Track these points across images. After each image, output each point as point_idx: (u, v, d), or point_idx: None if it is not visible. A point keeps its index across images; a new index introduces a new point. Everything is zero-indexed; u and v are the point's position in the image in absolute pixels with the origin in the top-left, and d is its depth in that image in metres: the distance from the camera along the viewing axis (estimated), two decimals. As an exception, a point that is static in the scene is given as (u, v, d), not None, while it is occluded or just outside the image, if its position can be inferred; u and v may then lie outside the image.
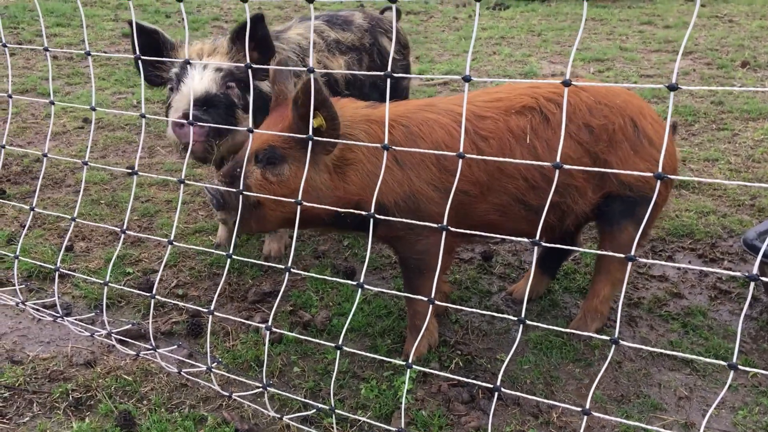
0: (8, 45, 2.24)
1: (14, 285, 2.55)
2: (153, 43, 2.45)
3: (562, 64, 5.86)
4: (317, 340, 1.84)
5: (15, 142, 4.02)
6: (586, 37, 6.85)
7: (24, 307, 2.33)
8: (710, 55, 5.84)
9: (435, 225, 1.54)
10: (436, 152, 1.65)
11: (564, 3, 8.79)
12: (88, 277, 2.38)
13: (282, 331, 1.99)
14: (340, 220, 1.96)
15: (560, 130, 1.97)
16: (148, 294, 2.04)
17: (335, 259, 2.85)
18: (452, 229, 1.52)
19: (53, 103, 2.08)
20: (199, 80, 2.29)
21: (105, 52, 5.91)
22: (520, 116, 2.03)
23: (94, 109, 2.02)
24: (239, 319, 2.06)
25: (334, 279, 1.75)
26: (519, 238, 1.57)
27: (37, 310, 2.34)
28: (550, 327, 1.46)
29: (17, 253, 2.28)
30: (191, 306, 2.20)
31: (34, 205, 2.20)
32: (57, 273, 2.13)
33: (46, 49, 2.07)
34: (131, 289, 2.36)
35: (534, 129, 2.02)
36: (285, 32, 2.81)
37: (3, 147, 2.23)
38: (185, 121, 2.14)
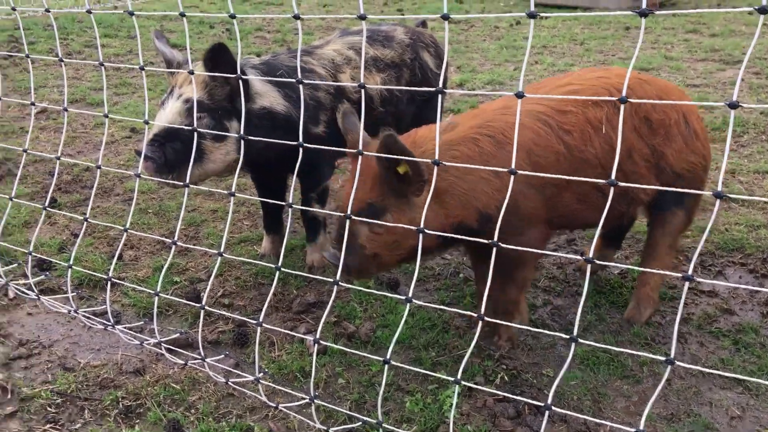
0: (65, 60, 2.31)
1: (66, 293, 2.62)
2: (169, 65, 2.49)
3: (606, 73, 5.79)
4: (364, 354, 1.84)
5: (65, 152, 4.12)
6: (630, 46, 6.76)
7: (76, 315, 2.39)
8: (758, 64, 5.71)
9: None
10: (487, 168, 1.64)
11: (607, 11, 8.69)
12: (137, 287, 2.43)
13: (327, 344, 2.00)
14: (448, 242, 2.12)
15: (628, 120, 2.14)
16: (197, 305, 2.07)
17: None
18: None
19: (107, 116, 2.13)
20: (169, 110, 2.32)
21: (152, 63, 6.04)
22: (596, 107, 2.13)
23: (147, 123, 2.06)
24: (286, 331, 2.08)
25: (383, 294, 1.76)
26: (571, 256, 1.57)
27: (89, 318, 2.39)
28: (601, 345, 1.44)
29: (71, 262, 2.33)
30: (239, 317, 2.22)
31: (87, 216, 2.25)
32: (109, 283, 2.17)
33: (101, 64, 2.12)
34: (180, 299, 2.40)
35: (608, 119, 2.13)
36: (321, 47, 2.82)
37: (58, 158, 2.29)
38: (142, 155, 2.23)
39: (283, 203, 2.19)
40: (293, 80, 1.93)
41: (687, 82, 5.39)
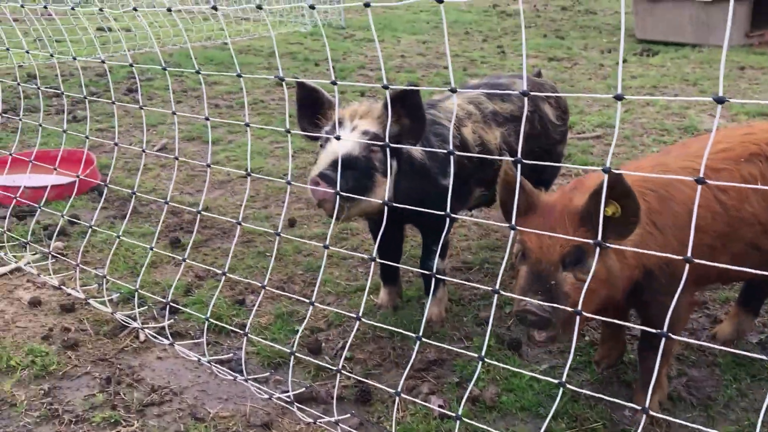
0: (144, 107, 2.38)
1: (193, 338, 2.69)
2: (313, 100, 2.55)
3: (724, 117, 5.55)
4: (490, 429, 1.78)
5: (185, 190, 4.28)
6: (747, 87, 6.47)
7: (206, 363, 2.44)
8: None
9: (678, 257, 1.60)
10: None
11: (717, 49, 8.37)
12: (263, 340, 2.46)
13: (448, 412, 1.95)
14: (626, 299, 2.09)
15: None
16: (329, 365, 2.07)
17: (498, 328, 2.79)
18: (696, 261, 1.57)
19: (249, 175, 2.19)
20: (340, 143, 2.33)
21: (262, 101, 6.22)
22: (750, 164, 2.12)
23: (249, 175, 2.10)
24: (410, 398, 2.04)
25: (502, 366, 1.70)
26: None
27: (217, 366, 2.44)
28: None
29: (207, 314, 2.39)
30: (371, 382, 2.21)
31: (225, 268, 2.30)
32: (245, 338, 2.21)
33: (247, 124, 2.18)
34: (303, 356, 2.41)
35: (763, 175, 2.12)
36: (442, 102, 2.83)
37: (166, 202, 2.36)
38: (319, 180, 2.22)
39: (398, 262, 2.17)
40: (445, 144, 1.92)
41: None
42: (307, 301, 2.24)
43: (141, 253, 3.34)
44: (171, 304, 2.67)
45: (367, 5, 1.64)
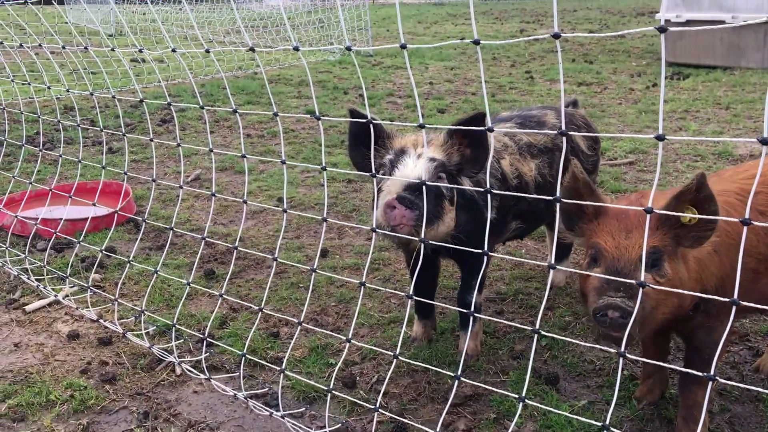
0: (181, 143, 2.41)
1: (228, 371, 2.70)
2: (368, 131, 2.54)
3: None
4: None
5: (218, 221, 4.32)
6: (783, 110, 6.38)
7: (241, 397, 2.44)
8: None
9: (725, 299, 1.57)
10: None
11: (749, 72, 8.28)
12: (297, 376, 2.46)
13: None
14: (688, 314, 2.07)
15: None
16: (349, 397, 2.06)
17: (534, 362, 2.75)
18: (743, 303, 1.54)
19: (285, 211, 2.20)
20: (413, 167, 2.33)
21: (293, 130, 6.29)
22: None
23: (285, 211, 2.11)
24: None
25: (541, 407, 1.67)
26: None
27: (253, 401, 2.44)
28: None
29: (244, 351, 2.39)
30: (408, 420, 2.19)
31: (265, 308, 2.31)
32: (281, 375, 2.20)
33: (283, 162, 2.20)
34: (338, 393, 2.40)
35: None
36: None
37: (204, 239, 2.38)
38: (397, 204, 2.18)
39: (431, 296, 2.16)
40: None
41: None
42: (343, 337, 2.23)
43: (176, 285, 3.37)
44: (212, 341, 2.67)
45: (403, 47, 1.65)
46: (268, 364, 2.70)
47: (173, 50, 2.57)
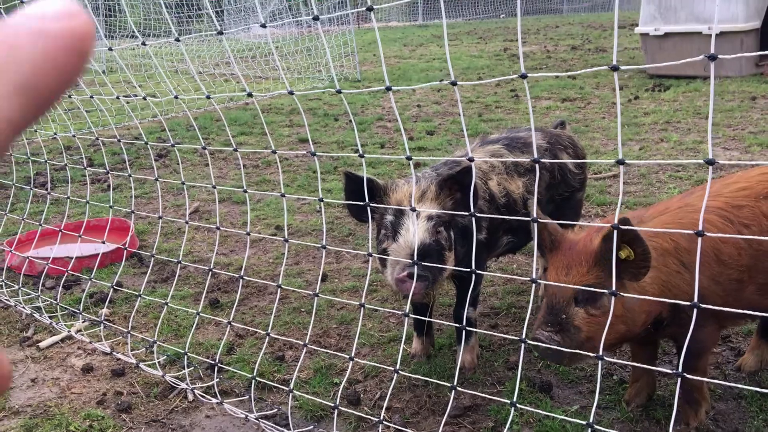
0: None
1: (238, 395, 2.83)
2: (362, 189, 2.67)
3: (738, 150, 5.66)
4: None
5: (219, 251, 4.47)
6: (760, 118, 6.58)
7: (252, 419, 2.58)
8: None
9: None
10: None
11: (728, 80, 8.51)
12: (305, 395, 2.59)
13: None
14: (645, 332, 2.25)
15: None
16: (355, 412, 2.20)
17: (528, 371, 2.90)
18: (703, 306, 1.73)
19: (287, 241, 2.35)
20: (414, 230, 2.47)
21: (287, 159, 6.46)
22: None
23: (287, 241, 2.26)
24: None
25: (534, 411, 1.81)
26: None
27: (263, 421, 2.57)
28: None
29: (254, 374, 2.53)
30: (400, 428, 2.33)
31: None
32: (290, 395, 2.34)
33: (282, 195, 2.35)
34: (344, 409, 2.54)
35: None
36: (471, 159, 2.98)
37: (211, 270, 2.52)
38: (409, 280, 2.35)
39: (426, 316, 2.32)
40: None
41: (829, 156, 5.18)
42: (346, 356, 2.37)
43: (183, 315, 3.50)
44: (223, 366, 2.81)
45: (388, 89, 1.81)
46: (277, 385, 2.84)
47: (176, 97, 2.72)
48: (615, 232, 1.82)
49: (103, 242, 3.51)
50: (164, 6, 4.31)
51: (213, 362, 2.88)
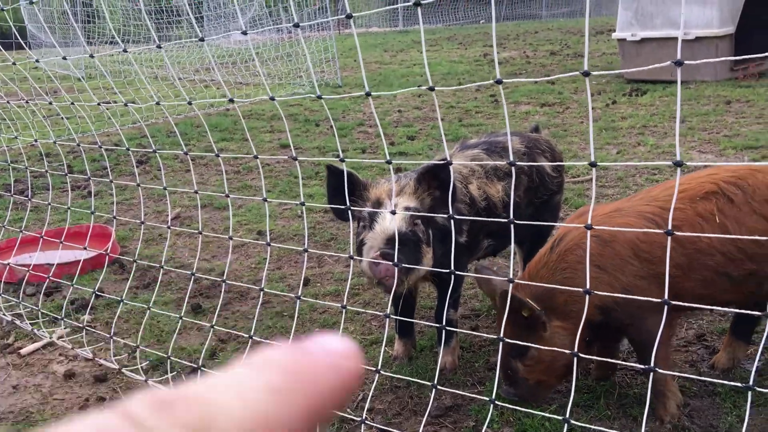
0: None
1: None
2: (344, 184, 2.72)
3: (713, 153, 5.77)
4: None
5: (202, 257, 4.47)
6: (734, 122, 6.71)
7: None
8: None
9: (657, 300, 1.85)
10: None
11: (704, 85, 8.66)
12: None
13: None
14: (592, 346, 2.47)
15: (745, 207, 2.32)
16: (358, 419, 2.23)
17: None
18: (673, 302, 1.81)
19: (270, 245, 2.38)
20: (391, 220, 2.52)
21: (268, 165, 6.47)
22: (705, 201, 2.35)
23: (269, 245, 2.29)
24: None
25: (513, 408, 1.86)
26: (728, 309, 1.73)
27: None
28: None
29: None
30: (381, 427, 2.36)
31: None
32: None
33: (264, 199, 2.38)
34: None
35: (720, 210, 2.32)
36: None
37: (193, 274, 2.54)
38: (384, 262, 2.37)
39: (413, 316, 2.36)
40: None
41: (801, 158, 5.29)
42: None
43: (165, 320, 3.51)
44: (200, 369, 2.82)
45: (368, 95, 1.85)
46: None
47: (157, 103, 2.74)
48: (510, 286, 2.10)
49: (85, 248, 3.50)
50: (144, 12, 4.31)
51: (196, 366, 2.89)
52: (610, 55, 12.33)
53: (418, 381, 2.37)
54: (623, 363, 2.65)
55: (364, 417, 2.12)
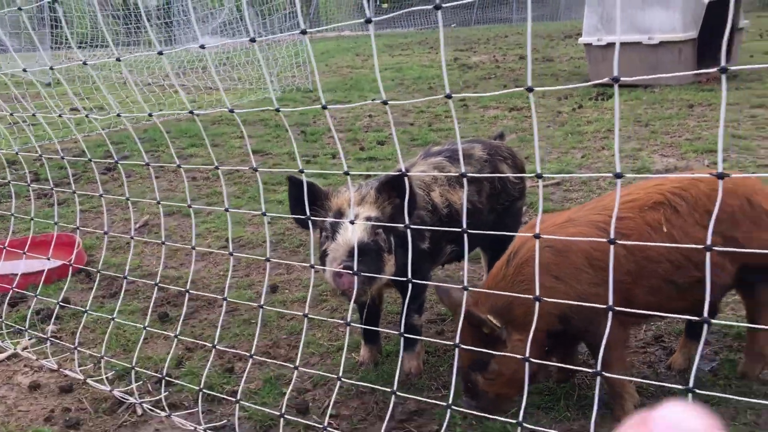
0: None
1: (187, 408, 2.86)
2: (305, 194, 2.74)
3: (674, 156, 5.89)
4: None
5: (169, 264, 4.47)
6: (696, 125, 6.85)
7: (200, 430, 2.61)
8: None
9: (601, 306, 1.90)
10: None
11: (668, 89, 8.83)
12: (255, 406, 2.64)
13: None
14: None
15: (689, 217, 2.40)
16: (303, 421, 2.26)
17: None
18: (617, 308, 1.86)
19: (232, 255, 2.40)
20: (352, 230, 2.55)
21: (237, 171, 6.47)
22: (653, 211, 2.42)
23: (231, 254, 2.31)
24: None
25: (470, 412, 1.90)
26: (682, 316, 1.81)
27: (212, 433, 2.61)
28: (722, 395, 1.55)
29: (201, 386, 2.56)
30: None
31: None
32: (237, 405, 2.38)
33: (227, 209, 2.40)
34: (292, 418, 2.59)
35: (668, 219, 2.40)
36: (409, 169, 3.07)
37: (157, 284, 2.56)
38: (345, 272, 2.41)
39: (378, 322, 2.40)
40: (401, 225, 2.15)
41: (758, 162, 5.44)
42: (292, 366, 2.43)
43: (131, 330, 3.51)
44: (171, 380, 2.83)
45: (324, 108, 1.88)
46: (226, 397, 2.87)
47: (118, 115, 2.75)
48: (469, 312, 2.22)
49: (48, 258, 3.49)
50: (102, 22, 4.30)
51: (161, 376, 2.89)
52: (577, 59, 12.50)
53: (382, 389, 2.41)
54: (570, 366, 2.71)
55: (326, 423, 2.15)
